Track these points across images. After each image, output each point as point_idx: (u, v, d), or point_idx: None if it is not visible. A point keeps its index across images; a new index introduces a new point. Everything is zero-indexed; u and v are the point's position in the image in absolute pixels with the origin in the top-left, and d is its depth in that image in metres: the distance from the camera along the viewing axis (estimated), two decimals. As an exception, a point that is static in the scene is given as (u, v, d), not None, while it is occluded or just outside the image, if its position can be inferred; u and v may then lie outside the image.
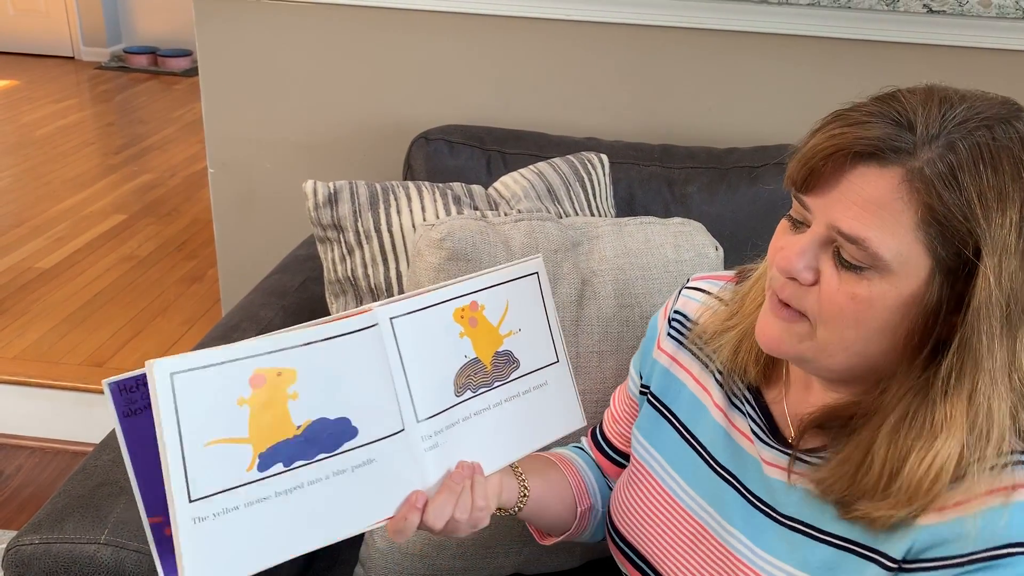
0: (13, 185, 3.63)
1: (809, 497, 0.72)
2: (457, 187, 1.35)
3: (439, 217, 1.26)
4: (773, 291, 0.70)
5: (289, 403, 0.66)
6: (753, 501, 0.77)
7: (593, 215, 1.42)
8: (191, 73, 5.47)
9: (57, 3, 5.64)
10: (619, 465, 0.98)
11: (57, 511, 0.96)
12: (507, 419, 0.81)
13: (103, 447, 1.07)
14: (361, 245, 1.28)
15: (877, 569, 0.67)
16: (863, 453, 0.67)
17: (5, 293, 2.73)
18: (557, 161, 1.45)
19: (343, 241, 1.29)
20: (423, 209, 1.29)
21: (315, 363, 0.68)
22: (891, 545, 0.66)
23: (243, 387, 0.64)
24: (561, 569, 1.16)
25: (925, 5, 1.57)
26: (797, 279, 0.67)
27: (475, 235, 1.09)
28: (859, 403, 0.70)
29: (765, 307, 0.72)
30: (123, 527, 0.94)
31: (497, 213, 1.23)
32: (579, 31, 1.69)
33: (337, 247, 1.30)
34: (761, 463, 0.77)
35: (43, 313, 2.63)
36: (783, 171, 0.68)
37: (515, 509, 0.87)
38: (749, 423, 0.79)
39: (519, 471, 0.88)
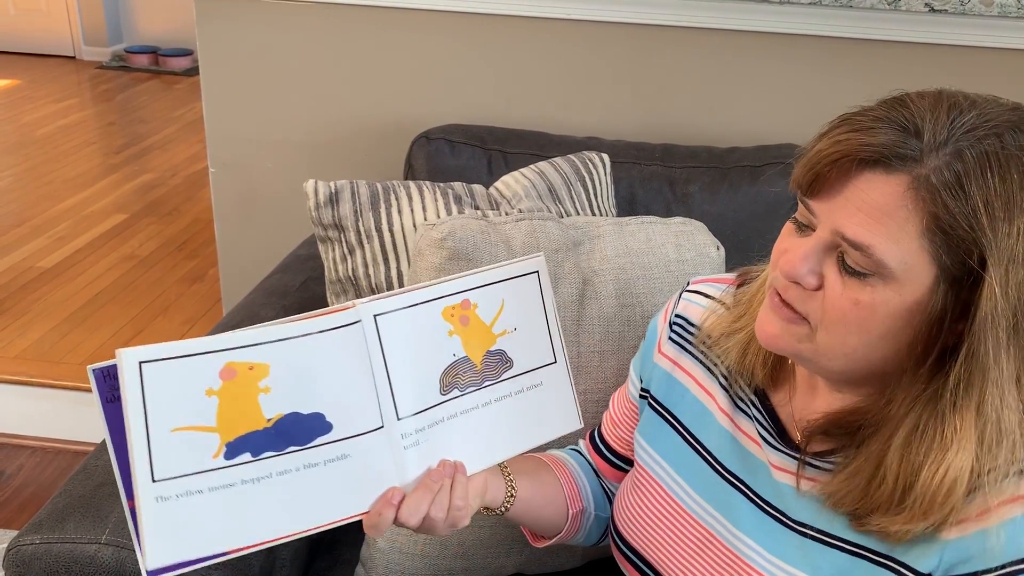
0: (14, 184, 3.63)
1: (820, 502, 0.72)
2: (458, 186, 1.35)
3: (440, 217, 1.26)
4: (775, 290, 0.70)
5: (260, 396, 0.67)
6: (762, 506, 0.77)
7: (594, 214, 1.42)
8: (192, 72, 5.47)
9: (58, 2, 5.64)
10: (617, 468, 0.97)
11: (58, 511, 0.96)
12: (496, 419, 0.80)
13: (104, 447, 1.06)
14: (362, 245, 1.28)
15: None
16: (874, 466, 0.66)
17: (6, 293, 2.73)
18: (558, 160, 1.45)
19: (344, 241, 1.29)
20: (424, 209, 1.29)
21: (290, 358, 0.68)
22: (915, 558, 0.66)
23: (212, 379, 0.66)
24: (563, 569, 1.16)
25: (927, 4, 1.56)
26: (800, 283, 0.66)
27: (476, 235, 1.09)
28: (865, 411, 0.69)
29: (766, 304, 0.71)
30: (124, 527, 0.94)
31: (498, 212, 1.23)
32: (581, 30, 1.69)
33: (338, 247, 1.30)
34: (770, 467, 0.77)
35: (44, 313, 2.63)
36: (785, 170, 0.68)
37: (501, 509, 0.86)
38: (756, 427, 0.79)
39: (507, 471, 0.87)
